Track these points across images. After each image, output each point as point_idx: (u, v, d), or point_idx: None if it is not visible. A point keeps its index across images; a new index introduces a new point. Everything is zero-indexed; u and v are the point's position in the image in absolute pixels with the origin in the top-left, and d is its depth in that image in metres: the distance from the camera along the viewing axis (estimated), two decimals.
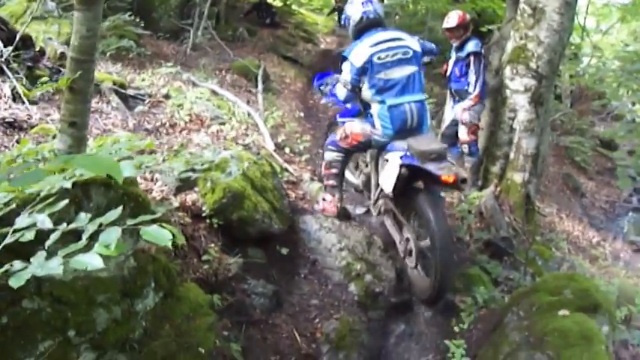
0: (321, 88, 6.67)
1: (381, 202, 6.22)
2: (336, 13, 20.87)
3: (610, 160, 15.39)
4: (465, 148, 8.16)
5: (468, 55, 7.95)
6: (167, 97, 8.98)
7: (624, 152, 12.40)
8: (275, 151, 8.00)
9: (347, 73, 5.76)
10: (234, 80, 12.69)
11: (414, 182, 5.59)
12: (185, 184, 5.28)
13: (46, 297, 2.84)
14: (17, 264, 1.79)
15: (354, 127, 5.95)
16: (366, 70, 5.60)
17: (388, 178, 5.53)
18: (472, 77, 7.88)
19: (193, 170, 5.23)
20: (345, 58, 5.81)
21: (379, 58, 5.56)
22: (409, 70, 5.66)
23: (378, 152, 6.02)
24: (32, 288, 2.78)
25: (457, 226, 7.27)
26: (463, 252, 6.81)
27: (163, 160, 5.48)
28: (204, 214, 5.09)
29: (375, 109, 5.72)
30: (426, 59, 6.08)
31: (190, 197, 5.23)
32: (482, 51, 8.10)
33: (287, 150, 8.32)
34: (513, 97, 8.05)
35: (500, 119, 8.21)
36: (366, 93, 5.75)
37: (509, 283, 6.20)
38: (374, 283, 5.66)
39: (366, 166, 6.60)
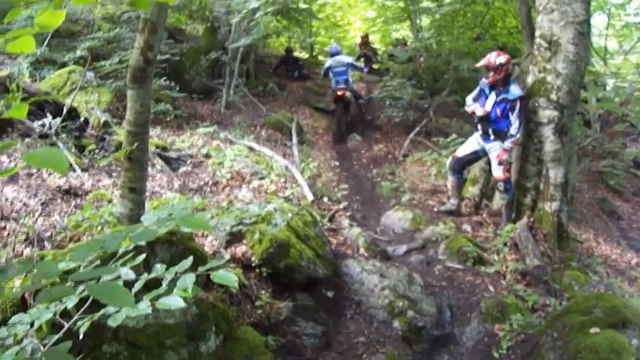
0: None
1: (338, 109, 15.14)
2: (363, 59, 21.05)
3: None
4: (501, 186, 8.35)
5: (515, 99, 8.04)
6: (207, 156, 9.36)
7: None
8: (314, 201, 8.29)
9: (323, 69, 15.53)
10: (270, 135, 13.12)
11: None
12: (234, 238, 5.65)
13: (122, 342, 3.22)
14: (111, 308, 2.15)
15: (333, 89, 15.12)
16: (328, 70, 15.00)
17: (333, 98, 15.18)
18: (517, 121, 8.00)
19: (242, 224, 5.63)
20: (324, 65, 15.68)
21: (331, 67, 14.82)
22: (343, 69, 14.75)
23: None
24: (110, 334, 3.16)
25: (493, 260, 7.49)
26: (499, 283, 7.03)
27: (212, 217, 5.86)
28: (253, 264, 5.44)
29: (332, 81, 14.94)
30: (352, 68, 15.47)
31: (240, 249, 5.57)
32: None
33: (325, 199, 8.59)
34: (538, 129, 8.23)
35: (528, 152, 8.39)
36: (331, 76, 14.94)
37: (546, 309, 6.35)
38: (416, 318, 5.93)
39: None
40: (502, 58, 8.20)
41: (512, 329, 5.80)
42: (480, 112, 8.25)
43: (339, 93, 14.52)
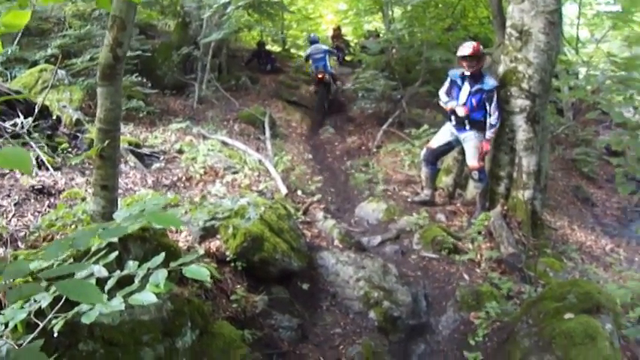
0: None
1: (319, 90, 17.08)
2: (336, 51, 21.07)
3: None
4: (475, 175, 8.42)
5: (492, 89, 8.11)
6: (180, 152, 9.32)
7: (629, 158, 12.39)
8: (287, 194, 8.29)
9: (305, 55, 18.28)
10: (243, 129, 13.09)
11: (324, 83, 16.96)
12: (208, 233, 5.66)
13: (98, 340, 3.22)
14: (84, 306, 2.16)
15: (312, 73, 17.41)
16: (309, 57, 17.34)
17: (315, 81, 17.43)
18: (496, 111, 8.09)
19: (216, 219, 5.63)
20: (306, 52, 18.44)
21: (310, 54, 17.19)
22: (321, 56, 16.87)
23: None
24: (86, 332, 3.16)
25: (468, 248, 7.54)
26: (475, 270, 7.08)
27: (185, 212, 5.86)
28: (228, 259, 5.45)
29: (312, 67, 17.20)
30: (329, 54, 17.55)
31: (214, 244, 5.57)
32: None
33: (299, 192, 8.59)
34: (510, 119, 8.32)
35: (501, 141, 8.47)
36: (311, 62, 17.31)
37: (521, 297, 6.41)
38: (392, 308, 5.97)
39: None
40: (482, 48, 8.29)
41: (488, 317, 5.86)
42: (461, 112, 8.27)
43: (320, 76, 16.75)
